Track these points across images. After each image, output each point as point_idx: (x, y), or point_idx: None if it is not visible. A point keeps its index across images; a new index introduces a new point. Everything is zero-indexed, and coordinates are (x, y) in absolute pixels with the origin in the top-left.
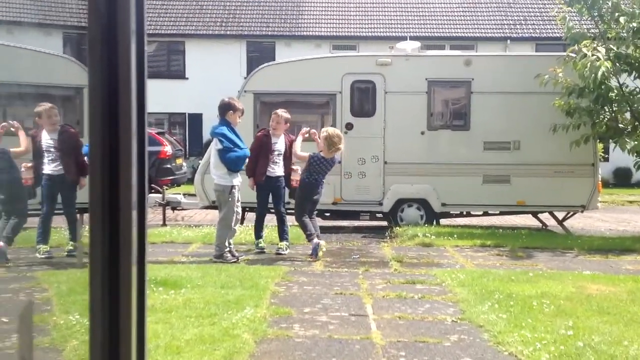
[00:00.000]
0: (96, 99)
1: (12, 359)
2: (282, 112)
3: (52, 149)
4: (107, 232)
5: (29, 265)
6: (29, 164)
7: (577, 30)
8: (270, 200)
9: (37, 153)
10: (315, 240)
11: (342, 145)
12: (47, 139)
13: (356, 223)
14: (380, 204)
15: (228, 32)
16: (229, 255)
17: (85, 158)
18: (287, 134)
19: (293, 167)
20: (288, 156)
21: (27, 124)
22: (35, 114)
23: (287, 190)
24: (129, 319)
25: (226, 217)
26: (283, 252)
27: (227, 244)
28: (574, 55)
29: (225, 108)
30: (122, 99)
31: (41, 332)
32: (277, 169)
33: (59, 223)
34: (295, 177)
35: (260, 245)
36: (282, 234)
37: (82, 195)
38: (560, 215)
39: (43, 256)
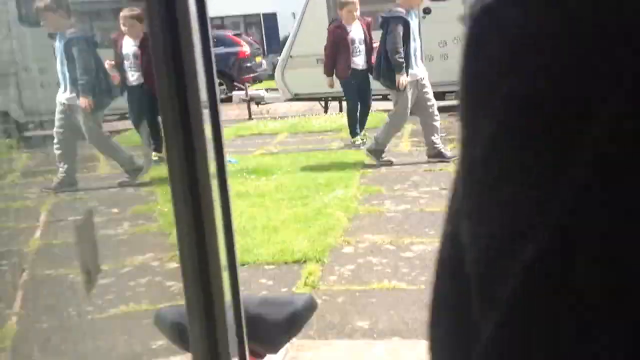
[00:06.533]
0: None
1: None
2: None
3: (131, 57)
4: (194, 231)
5: None
6: (112, 62)
7: None
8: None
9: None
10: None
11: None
12: (129, 46)
13: (442, 103)
14: None
15: None
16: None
17: None
18: (362, 19)
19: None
20: (369, 44)
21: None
22: (120, 19)
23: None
24: (222, 303)
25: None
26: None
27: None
28: None
29: None
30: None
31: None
32: (360, 62)
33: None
34: None
35: (357, 142)
36: (362, 125)
37: None
38: None
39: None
